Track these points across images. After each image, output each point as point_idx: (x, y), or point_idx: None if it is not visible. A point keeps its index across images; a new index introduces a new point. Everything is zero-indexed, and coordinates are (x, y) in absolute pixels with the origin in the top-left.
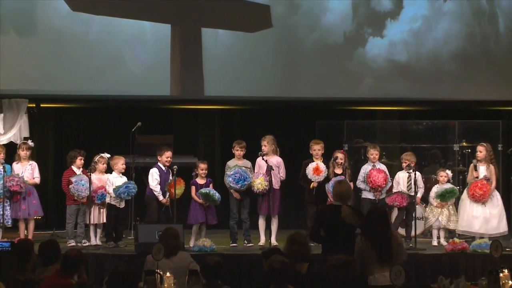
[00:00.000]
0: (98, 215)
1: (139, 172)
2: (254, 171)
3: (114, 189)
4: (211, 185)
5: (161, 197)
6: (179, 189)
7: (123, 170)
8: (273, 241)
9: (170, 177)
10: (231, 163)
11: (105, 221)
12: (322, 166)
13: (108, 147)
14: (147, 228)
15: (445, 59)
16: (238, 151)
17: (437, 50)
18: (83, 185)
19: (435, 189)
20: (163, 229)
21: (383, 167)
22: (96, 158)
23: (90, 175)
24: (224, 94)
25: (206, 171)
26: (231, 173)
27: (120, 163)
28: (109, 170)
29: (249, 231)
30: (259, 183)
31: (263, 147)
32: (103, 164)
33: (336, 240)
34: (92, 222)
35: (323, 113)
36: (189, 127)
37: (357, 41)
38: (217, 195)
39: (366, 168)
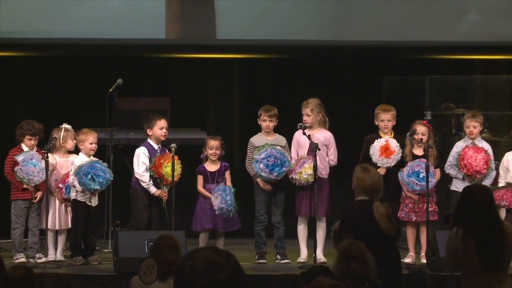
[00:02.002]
0: (59, 217)
1: (120, 154)
2: (290, 152)
3: (74, 172)
4: (227, 174)
5: (152, 189)
6: (169, 167)
7: (94, 150)
8: (320, 255)
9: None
10: (256, 140)
11: (69, 226)
12: (393, 145)
13: (74, 116)
14: (132, 236)
15: None
16: (266, 121)
17: None
18: (34, 166)
19: None
20: (156, 237)
21: (485, 145)
22: (56, 132)
23: (47, 156)
24: (244, 37)
25: (219, 152)
26: (262, 155)
27: (89, 140)
28: (77, 151)
29: (284, 241)
30: (307, 172)
31: (304, 117)
32: (70, 140)
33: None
34: (50, 227)
35: (394, 66)
36: (194, 86)
37: None
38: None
39: (459, 147)
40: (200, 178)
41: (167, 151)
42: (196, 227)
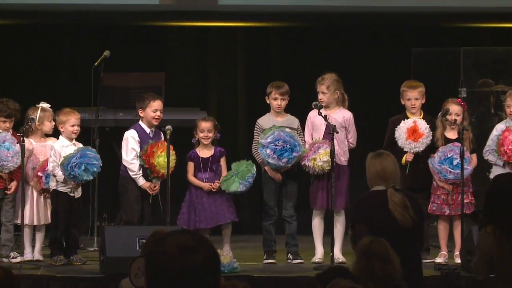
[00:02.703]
0: (37, 211)
1: (107, 137)
2: (304, 136)
3: (62, 163)
4: (222, 161)
5: (140, 181)
6: (162, 158)
7: (76, 133)
8: (337, 254)
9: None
10: (265, 121)
11: (49, 221)
12: (422, 126)
13: (54, 94)
14: (121, 232)
15: None
16: (276, 100)
17: None
18: (8, 149)
19: None
20: (149, 234)
21: None
22: (32, 112)
23: (23, 140)
24: (250, 3)
25: (212, 135)
26: (268, 139)
27: (71, 121)
28: (56, 134)
29: (296, 238)
30: (322, 159)
31: (320, 95)
32: (48, 121)
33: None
34: (27, 222)
35: (424, 35)
36: (192, 60)
37: None
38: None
39: (499, 129)
40: (190, 166)
41: (162, 135)
42: (184, 224)
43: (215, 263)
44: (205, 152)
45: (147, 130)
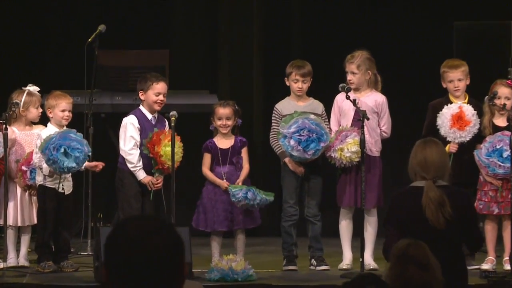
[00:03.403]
0: (21, 210)
1: (103, 125)
2: (329, 123)
3: (40, 146)
4: (244, 152)
5: (140, 174)
6: (170, 147)
7: (67, 119)
8: (368, 260)
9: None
10: (284, 106)
11: (35, 221)
12: (469, 113)
13: (42, 75)
14: None
15: None
16: (298, 82)
17: None
18: None
19: None
20: None
21: None
22: (17, 96)
23: (6, 128)
24: None
25: (231, 122)
26: (291, 128)
27: (61, 106)
28: (44, 121)
29: (321, 241)
30: (351, 149)
31: (349, 76)
32: (33, 107)
33: None
34: (11, 223)
35: (468, 7)
36: (200, 34)
37: None
38: (259, 199)
39: None
40: (207, 157)
41: (165, 122)
42: (200, 225)
43: (178, 248)
44: (223, 142)
45: (149, 116)
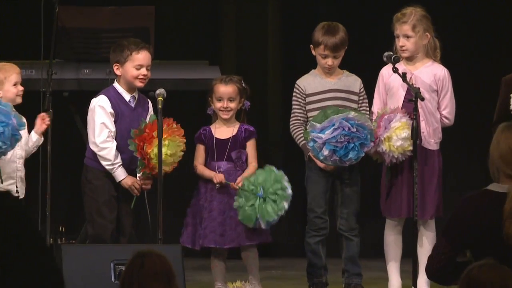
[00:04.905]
0: None
1: (66, 107)
2: (369, 106)
3: None
4: (249, 145)
5: (120, 175)
6: (165, 148)
7: (20, 95)
8: (423, 286)
9: (147, 120)
10: (309, 83)
11: None
12: None
13: None
14: (87, 253)
15: None
16: (326, 58)
17: None
18: None
19: None
20: (132, 256)
21: None
22: None
23: None
24: None
25: (235, 105)
26: (325, 132)
27: (11, 78)
28: None
29: (359, 263)
30: (400, 135)
31: (401, 40)
32: None
33: None
34: None
35: None
36: None
37: None
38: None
39: None
40: (200, 150)
41: (150, 106)
42: (185, 240)
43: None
44: (223, 131)
45: (126, 96)
